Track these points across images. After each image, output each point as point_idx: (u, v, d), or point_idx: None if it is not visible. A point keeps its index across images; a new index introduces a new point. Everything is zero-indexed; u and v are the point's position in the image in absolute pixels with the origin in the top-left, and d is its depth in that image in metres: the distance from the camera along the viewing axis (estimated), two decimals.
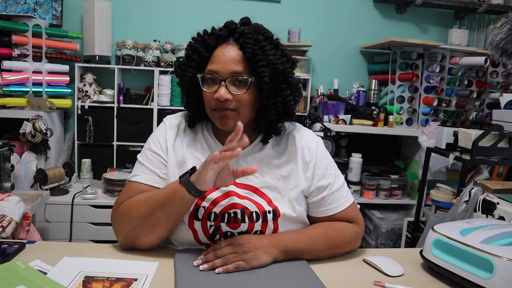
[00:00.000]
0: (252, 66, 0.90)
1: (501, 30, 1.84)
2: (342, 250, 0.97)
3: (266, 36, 0.94)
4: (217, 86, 0.91)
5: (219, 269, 0.82)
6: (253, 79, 0.90)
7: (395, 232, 2.63)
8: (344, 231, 0.98)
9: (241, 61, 0.90)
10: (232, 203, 0.92)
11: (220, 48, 0.92)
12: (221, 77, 0.90)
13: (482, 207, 1.42)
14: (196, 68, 0.93)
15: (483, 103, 2.79)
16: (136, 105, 2.58)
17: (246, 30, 0.92)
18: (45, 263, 0.84)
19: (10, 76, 2.25)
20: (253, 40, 0.90)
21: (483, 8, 2.79)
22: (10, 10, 2.46)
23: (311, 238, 0.93)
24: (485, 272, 0.78)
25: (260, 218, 0.92)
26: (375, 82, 2.83)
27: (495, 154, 1.97)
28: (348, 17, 2.93)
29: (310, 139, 1.02)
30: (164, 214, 0.87)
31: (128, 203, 0.91)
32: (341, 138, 2.81)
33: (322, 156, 1.00)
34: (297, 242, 0.91)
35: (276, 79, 0.92)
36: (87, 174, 2.54)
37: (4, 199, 1.30)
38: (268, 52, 0.91)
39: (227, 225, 0.92)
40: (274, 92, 0.93)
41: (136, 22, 2.72)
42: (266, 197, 0.95)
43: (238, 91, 0.90)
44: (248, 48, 0.89)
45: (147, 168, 0.97)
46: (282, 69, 0.92)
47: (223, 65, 0.90)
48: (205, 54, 0.93)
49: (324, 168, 0.99)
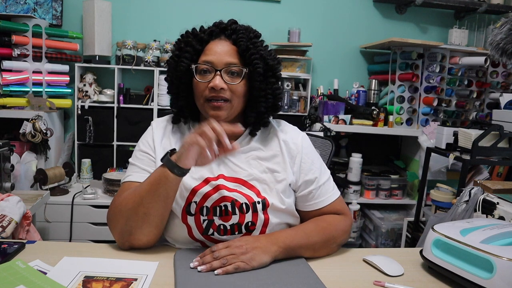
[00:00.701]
0: (246, 59, 0.96)
1: (501, 30, 1.84)
2: (336, 240, 0.99)
3: (256, 35, 1.00)
4: (211, 76, 0.94)
5: (219, 270, 0.82)
6: (247, 70, 0.96)
7: (395, 232, 2.63)
8: (335, 223, 1.00)
9: (235, 54, 0.96)
10: (222, 196, 0.94)
11: (213, 42, 0.97)
12: (216, 67, 0.94)
13: (482, 207, 1.42)
14: (190, 59, 0.97)
15: (483, 103, 2.79)
16: (136, 105, 2.58)
17: (238, 27, 0.98)
18: (45, 263, 0.84)
19: (10, 76, 2.26)
20: (246, 36, 0.96)
21: (483, 8, 2.79)
22: (10, 10, 2.46)
23: (305, 231, 0.95)
24: (485, 272, 0.78)
25: (250, 209, 0.94)
26: (375, 82, 2.83)
27: (495, 154, 1.97)
28: (348, 17, 2.93)
29: (295, 134, 1.06)
30: (152, 200, 0.87)
31: (119, 200, 0.92)
32: (341, 138, 2.81)
33: (307, 150, 1.04)
34: (294, 237, 0.93)
35: (266, 73, 0.98)
36: (87, 174, 2.54)
37: (4, 199, 1.30)
38: (260, 48, 0.97)
39: (219, 219, 0.94)
40: (264, 84, 0.98)
41: (136, 22, 2.72)
42: (254, 189, 0.97)
43: (233, 81, 0.95)
44: (241, 42, 0.95)
45: (138, 167, 0.99)
46: (272, 64, 0.98)
47: (218, 56, 0.95)
48: (198, 47, 0.97)
49: (310, 162, 1.02)
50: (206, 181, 0.96)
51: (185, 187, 0.95)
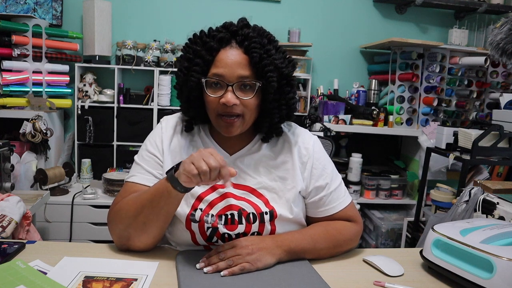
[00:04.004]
0: (259, 70, 0.88)
1: (501, 30, 1.84)
2: (342, 248, 0.98)
3: (270, 39, 0.92)
4: (222, 91, 0.88)
5: (225, 272, 0.81)
6: (261, 84, 0.89)
7: (395, 232, 2.63)
8: (344, 230, 0.98)
9: (247, 65, 0.88)
10: (229, 205, 0.92)
11: (223, 51, 0.89)
12: (228, 81, 0.88)
13: (482, 207, 1.42)
14: (200, 72, 0.90)
15: (483, 103, 2.79)
16: (136, 105, 2.58)
17: (250, 33, 0.89)
18: (45, 263, 0.84)
19: (10, 76, 2.25)
20: (258, 44, 0.88)
21: (483, 8, 2.78)
22: (10, 10, 2.46)
23: (312, 237, 0.93)
24: (485, 272, 0.78)
25: (257, 220, 0.92)
26: (375, 82, 2.82)
27: (495, 154, 1.97)
28: (348, 17, 2.93)
29: (307, 139, 1.01)
30: (152, 211, 0.86)
31: (121, 203, 0.91)
32: (341, 138, 2.81)
33: (319, 155, 1.00)
34: (300, 241, 0.91)
35: (280, 82, 0.92)
36: (87, 174, 2.54)
37: (4, 199, 1.30)
38: (274, 57, 0.89)
39: (224, 227, 0.91)
40: (278, 95, 0.92)
41: (136, 22, 2.72)
42: (263, 198, 0.95)
43: (245, 96, 0.89)
44: (255, 52, 0.87)
45: (144, 168, 0.96)
46: (287, 73, 0.92)
47: (229, 69, 0.87)
48: (208, 57, 0.89)
49: (321, 168, 0.99)
50: (213, 188, 0.94)
51: (191, 193, 0.93)
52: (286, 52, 0.96)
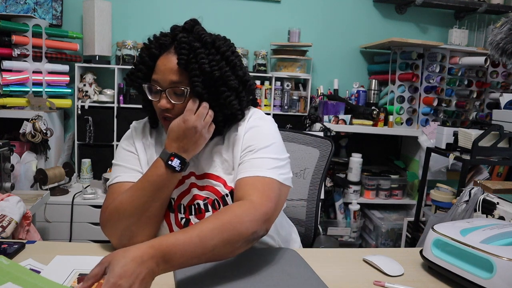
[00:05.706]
0: (188, 75, 0.90)
1: (501, 30, 1.84)
2: (242, 236, 0.79)
3: (204, 41, 0.91)
4: (159, 96, 0.93)
5: None
6: (189, 89, 0.91)
7: (395, 232, 2.63)
8: (239, 211, 0.81)
9: (178, 71, 0.91)
10: (194, 195, 0.97)
11: (161, 57, 0.93)
12: (162, 87, 0.92)
13: (482, 207, 1.42)
14: (143, 77, 0.96)
15: (483, 103, 2.79)
16: (136, 105, 2.58)
17: (183, 38, 0.91)
18: (37, 261, 0.83)
19: (10, 76, 2.25)
20: (188, 48, 0.89)
21: (483, 8, 2.79)
22: (10, 10, 2.46)
23: (200, 234, 0.74)
24: (485, 272, 0.78)
25: (221, 204, 0.95)
26: (375, 82, 2.83)
27: (495, 154, 1.97)
28: (348, 17, 2.93)
29: (252, 117, 0.99)
30: (158, 203, 0.90)
31: (115, 203, 0.90)
32: (341, 138, 2.81)
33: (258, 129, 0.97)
34: (185, 247, 0.72)
35: (214, 85, 0.92)
36: (87, 174, 2.54)
37: (4, 199, 1.30)
38: (203, 60, 0.89)
39: (195, 217, 0.96)
40: (215, 95, 0.92)
41: (136, 22, 2.72)
42: (221, 180, 0.97)
43: (178, 101, 0.92)
44: (181, 58, 0.89)
45: (126, 167, 0.98)
46: (219, 75, 0.90)
47: (162, 75, 0.91)
48: (150, 63, 0.95)
49: (253, 135, 0.96)
50: (181, 181, 0.97)
51: None
52: (229, 52, 0.93)
